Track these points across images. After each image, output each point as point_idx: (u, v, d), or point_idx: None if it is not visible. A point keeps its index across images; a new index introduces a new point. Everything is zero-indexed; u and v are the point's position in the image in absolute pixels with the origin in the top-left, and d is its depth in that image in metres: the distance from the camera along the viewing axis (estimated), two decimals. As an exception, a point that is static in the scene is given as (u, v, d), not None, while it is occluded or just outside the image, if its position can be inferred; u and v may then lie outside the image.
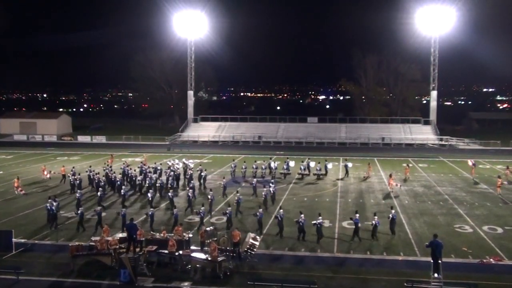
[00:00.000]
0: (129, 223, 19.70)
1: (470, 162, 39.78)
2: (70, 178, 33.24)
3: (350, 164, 39.98)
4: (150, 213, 24.06)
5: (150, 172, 35.58)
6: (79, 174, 34.32)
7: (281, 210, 23.45)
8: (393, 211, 23.83)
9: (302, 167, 38.54)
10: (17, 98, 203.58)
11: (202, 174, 34.82)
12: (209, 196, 27.01)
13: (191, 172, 35.79)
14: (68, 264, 18.80)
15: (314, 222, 21.94)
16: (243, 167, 38.74)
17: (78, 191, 29.11)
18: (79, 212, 24.02)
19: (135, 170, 36.58)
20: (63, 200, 29.93)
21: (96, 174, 34.01)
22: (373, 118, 74.41)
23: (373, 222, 22.40)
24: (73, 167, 36.38)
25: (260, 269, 18.75)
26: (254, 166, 38.43)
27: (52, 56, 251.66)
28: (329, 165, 39.70)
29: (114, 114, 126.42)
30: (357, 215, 22.77)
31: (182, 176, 36.65)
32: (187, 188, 30.30)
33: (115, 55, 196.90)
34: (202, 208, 24.21)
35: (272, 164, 39.31)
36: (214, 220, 25.51)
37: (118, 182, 32.52)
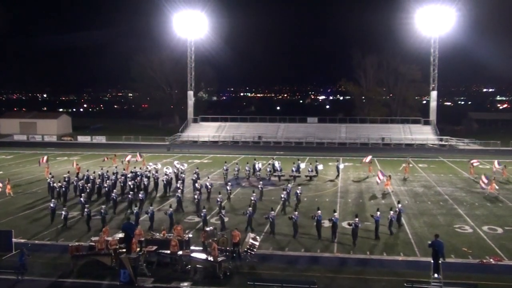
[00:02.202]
0: (126, 222, 19.75)
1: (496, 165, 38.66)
2: (56, 185, 30.50)
3: (342, 166, 39.61)
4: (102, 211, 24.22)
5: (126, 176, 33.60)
6: (65, 181, 31.63)
7: (272, 212, 23.37)
8: (399, 205, 24.83)
9: (293, 169, 37.43)
10: (17, 98, 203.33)
11: (193, 178, 33.01)
12: (196, 197, 27.36)
13: (184, 176, 34.11)
14: (68, 264, 18.80)
15: (350, 222, 22.09)
16: (236, 169, 37.77)
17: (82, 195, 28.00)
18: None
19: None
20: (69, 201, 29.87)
21: (80, 180, 31.99)
22: (373, 118, 74.52)
23: (389, 217, 23.26)
24: (50, 173, 33.90)
25: (260, 269, 18.75)
26: (246, 168, 37.83)
27: (52, 56, 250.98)
28: (320, 166, 39.07)
29: (114, 114, 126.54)
30: (378, 213, 22.93)
31: (174, 181, 34.20)
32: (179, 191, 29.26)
33: (115, 55, 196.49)
34: (204, 210, 24.21)
35: (257, 165, 38.25)
36: (213, 220, 25.49)
37: (106, 188, 30.23)
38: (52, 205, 25.08)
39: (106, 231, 20.44)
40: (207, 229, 20.84)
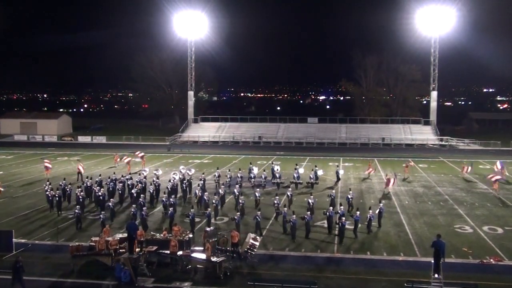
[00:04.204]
0: (129, 222, 19.77)
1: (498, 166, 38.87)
2: (48, 193, 28.21)
3: (342, 171, 37.62)
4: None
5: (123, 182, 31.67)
6: (58, 189, 29.00)
7: (294, 216, 22.60)
8: (381, 204, 25.05)
9: (295, 175, 34.59)
10: (18, 98, 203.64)
11: (199, 184, 30.93)
12: (214, 201, 26.44)
13: (190, 181, 32.18)
14: (68, 264, 18.82)
15: (337, 221, 22.34)
16: (228, 176, 34.19)
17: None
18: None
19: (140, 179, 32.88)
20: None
21: (78, 187, 29.24)
22: (373, 119, 74.58)
23: (368, 216, 23.37)
24: (48, 180, 31.43)
25: (260, 270, 18.76)
26: (239, 174, 33.91)
27: (52, 56, 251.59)
28: (320, 172, 36.28)
29: (114, 115, 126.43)
30: (358, 212, 23.29)
31: (179, 188, 31.84)
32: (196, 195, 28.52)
33: (115, 55, 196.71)
34: (192, 210, 23.99)
35: (255, 170, 36.16)
36: (213, 220, 25.49)
37: (101, 197, 27.76)
38: (77, 211, 24.47)
39: (106, 231, 20.46)
40: (208, 229, 20.83)
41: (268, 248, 21.20)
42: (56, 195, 27.76)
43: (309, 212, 23.56)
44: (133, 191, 29.70)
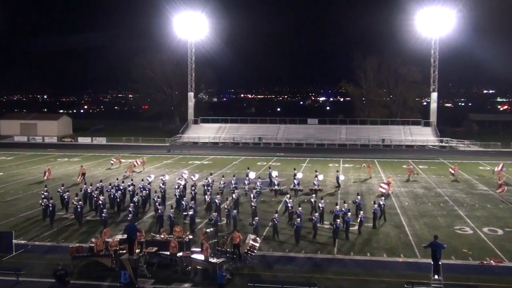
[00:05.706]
0: (129, 224, 19.76)
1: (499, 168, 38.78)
2: (42, 202, 26.32)
3: (342, 177, 36.58)
4: None
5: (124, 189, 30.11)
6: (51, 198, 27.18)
7: (298, 219, 22.40)
8: (375, 205, 25.06)
9: (295, 181, 32.84)
10: (18, 100, 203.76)
11: (208, 190, 29.57)
12: (225, 206, 25.54)
13: (195, 185, 30.82)
14: (68, 266, 18.80)
15: (332, 222, 22.28)
16: (222, 182, 32.53)
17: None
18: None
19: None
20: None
21: (76, 195, 27.18)
22: (373, 120, 74.60)
23: (360, 217, 23.49)
24: (46, 187, 29.19)
25: (260, 271, 18.75)
26: (233, 181, 32.17)
27: (52, 57, 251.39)
28: (320, 177, 34.75)
29: (115, 116, 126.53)
30: (349, 213, 23.38)
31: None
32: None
33: (116, 56, 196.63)
34: (215, 214, 24.11)
35: (251, 174, 34.01)
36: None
37: (101, 205, 25.72)
38: (104, 214, 24.16)
39: (106, 232, 20.46)
40: (208, 230, 20.83)
41: (268, 249, 21.20)
42: (50, 205, 25.35)
43: (316, 214, 23.52)
44: (135, 199, 27.98)
